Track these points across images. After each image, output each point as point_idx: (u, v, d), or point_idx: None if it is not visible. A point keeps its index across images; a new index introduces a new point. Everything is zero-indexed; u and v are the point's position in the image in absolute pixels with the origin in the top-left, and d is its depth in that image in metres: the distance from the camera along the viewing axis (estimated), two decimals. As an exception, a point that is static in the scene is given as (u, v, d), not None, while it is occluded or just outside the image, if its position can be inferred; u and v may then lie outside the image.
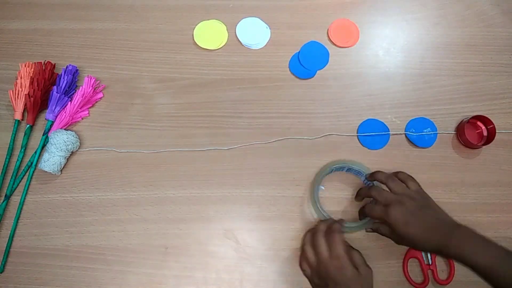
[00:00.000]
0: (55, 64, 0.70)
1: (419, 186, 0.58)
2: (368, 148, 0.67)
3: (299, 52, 0.72)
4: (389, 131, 0.68)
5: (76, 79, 0.70)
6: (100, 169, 0.66)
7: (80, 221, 0.63)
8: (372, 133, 0.67)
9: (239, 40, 0.74)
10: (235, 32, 0.74)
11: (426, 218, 0.54)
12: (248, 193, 0.65)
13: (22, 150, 0.65)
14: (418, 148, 0.67)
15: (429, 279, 0.60)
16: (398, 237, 0.55)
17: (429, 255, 0.61)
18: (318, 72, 0.72)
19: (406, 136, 0.68)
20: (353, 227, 0.60)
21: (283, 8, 0.76)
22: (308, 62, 0.71)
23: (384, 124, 0.68)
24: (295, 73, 0.72)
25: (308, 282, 0.56)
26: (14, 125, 0.66)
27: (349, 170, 0.65)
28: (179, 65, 0.72)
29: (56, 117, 0.67)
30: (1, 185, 0.64)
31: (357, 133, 0.68)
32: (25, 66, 0.68)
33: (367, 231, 0.62)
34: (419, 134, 0.68)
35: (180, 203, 0.64)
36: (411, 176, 0.59)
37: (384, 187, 0.58)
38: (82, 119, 0.68)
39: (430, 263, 0.61)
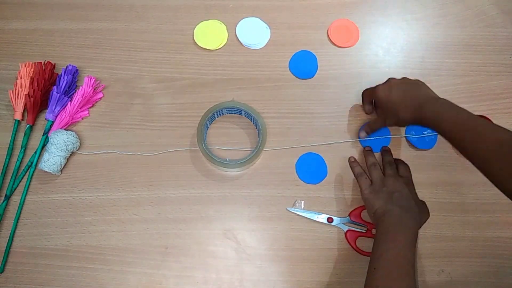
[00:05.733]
0: (55, 64, 0.70)
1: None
2: (368, 149, 0.67)
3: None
4: (390, 134, 0.68)
5: (76, 79, 0.70)
6: (100, 169, 0.66)
7: (80, 221, 0.63)
8: (373, 137, 0.67)
9: (239, 40, 0.74)
10: (235, 32, 0.74)
11: (408, 89, 0.59)
12: (248, 193, 0.65)
13: (22, 150, 0.65)
14: (418, 149, 0.67)
15: None
16: (382, 110, 0.61)
17: (360, 224, 0.62)
18: (318, 72, 0.72)
19: (406, 139, 0.68)
20: (240, 162, 0.62)
21: (283, 8, 0.76)
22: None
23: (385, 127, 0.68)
24: (295, 73, 0.72)
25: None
26: (14, 125, 0.66)
27: (247, 115, 0.67)
28: (179, 65, 0.72)
29: (56, 117, 0.67)
30: (1, 185, 0.64)
31: (358, 137, 0.68)
32: (25, 66, 0.68)
33: (361, 137, 0.65)
34: (419, 136, 0.67)
35: (180, 203, 0.64)
36: None
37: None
38: (82, 119, 0.68)
39: (366, 226, 0.62)
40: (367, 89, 0.66)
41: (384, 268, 0.51)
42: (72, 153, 0.66)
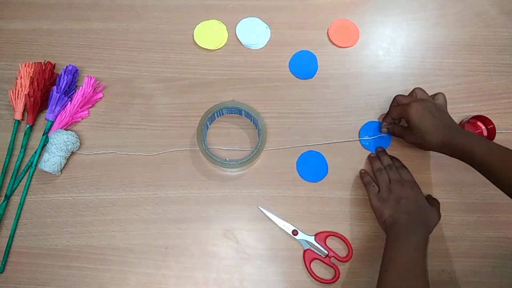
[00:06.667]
0: (55, 64, 0.70)
1: None
2: (370, 151, 0.67)
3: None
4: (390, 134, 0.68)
5: (76, 79, 0.70)
6: (100, 169, 0.66)
7: (80, 221, 0.63)
8: (373, 137, 0.67)
9: (239, 40, 0.74)
10: (235, 32, 0.74)
11: (440, 116, 0.59)
12: (248, 193, 0.65)
13: (22, 150, 0.65)
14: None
15: (338, 269, 0.60)
16: (410, 132, 0.61)
17: (322, 247, 0.61)
18: (318, 72, 0.72)
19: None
20: (240, 162, 0.62)
21: (283, 8, 0.76)
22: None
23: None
24: (295, 73, 0.72)
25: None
26: (14, 125, 0.66)
27: (247, 115, 0.67)
28: (179, 65, 0.72)
29: (56, 117, 0.67)
30: (1, 185, 0.64)
31: (359, 137, 0.68)
32: (25, 66, 0.68)
33: (382, 132, 0.66)
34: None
35: (180, 203, 0.64)
36: None
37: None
38: (82, 119, 0.68)
39: (327, 252, 0.61)
40: (399, 105, 0.63)
41: (396, 270, 0.52)
42: (72, 153, 0.66)
